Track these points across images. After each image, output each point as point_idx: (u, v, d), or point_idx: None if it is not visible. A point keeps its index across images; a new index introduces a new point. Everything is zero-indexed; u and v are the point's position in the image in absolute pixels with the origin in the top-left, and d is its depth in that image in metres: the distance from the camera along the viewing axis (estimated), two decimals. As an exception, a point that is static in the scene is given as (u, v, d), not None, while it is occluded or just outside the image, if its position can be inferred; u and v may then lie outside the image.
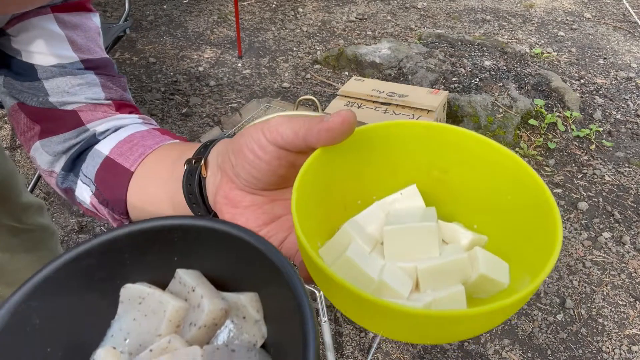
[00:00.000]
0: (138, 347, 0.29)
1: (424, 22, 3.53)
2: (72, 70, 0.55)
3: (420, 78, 2.68)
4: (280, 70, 2.91)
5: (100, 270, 0.30)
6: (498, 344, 1.55)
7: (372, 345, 1.53)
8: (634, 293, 1.72)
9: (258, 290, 0.30)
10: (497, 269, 0.35)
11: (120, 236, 0.30)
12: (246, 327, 0.30)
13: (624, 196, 2.12)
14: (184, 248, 0.31)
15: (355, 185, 0.40)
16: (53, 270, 0.28)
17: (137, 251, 0.31)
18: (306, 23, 3.47)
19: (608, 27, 3.51)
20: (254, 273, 0.30)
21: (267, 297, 0.30)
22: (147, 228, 0.30)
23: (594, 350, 1.55)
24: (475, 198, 0.39)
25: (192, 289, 0.30)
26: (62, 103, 0.55)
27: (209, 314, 0.29)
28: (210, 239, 0.30)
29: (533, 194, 0.35)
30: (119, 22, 2.15)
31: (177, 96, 2.66)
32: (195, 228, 0.30)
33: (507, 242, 0.37)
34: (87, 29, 0.57)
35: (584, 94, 2.75)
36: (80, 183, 0.55)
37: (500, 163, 0.37)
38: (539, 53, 3.10)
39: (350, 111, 0.35)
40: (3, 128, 2.43)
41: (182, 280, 0.31)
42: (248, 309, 0.30)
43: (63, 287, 0.29)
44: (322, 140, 0.35)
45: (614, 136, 2.46)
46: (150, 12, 3.55)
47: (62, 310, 0.29)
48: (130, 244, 0.30)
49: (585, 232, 1.95)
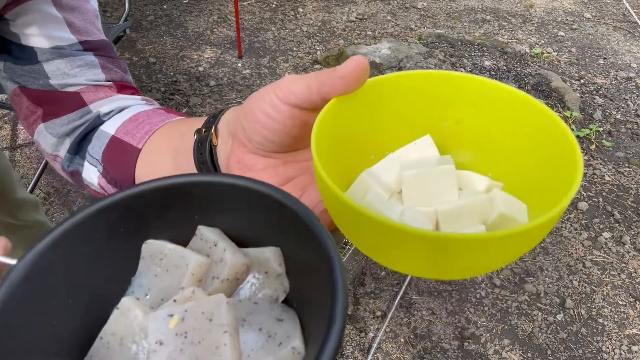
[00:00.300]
0: (160, 302, 0.29)
1: (424, 22, 3.53)
2: (71, 52, 0.55)
3: (420, 78, 2.68)
4: (280, 70, 2.91)
5: (124, 225, 0.30)
6: (498, 344, 1.55)
7: (372, 345, 1.53)
8: (634, 293, 1.72)
9: (280, 246, 0.30)
10: (516, 208, 0.34)
11: (145, 191, 0.30)
12: (268, 282, 0.30)
13: (624, 196, 2.12)
14: (206, 205, 0.31)
15: (369, 137, 0.39)
16: (79, 220, 0.28)
17: (159, 207, 0.30)
18: (306, 23, 3.48)
19: (608, 27, 3.52)
20: (276, 229, 0.30)
21: (290, 251, 0.30)
22: (171, 184, 0.30)
23: (594, 350, 1.55)
24: (489, 146, 0.39)
25: (214, 244, 0.30)
26: (63, 85, 0.55)
27: (231, 267, 0.29)
28: (232, 196, 0.30)
29: (549, 132, 0.34)
30: (119, 22, 2.15)
31: (177, 96, 2.66)
32: (218, 184, 0.30)
33: (523, 186, 0.36)
34: (84, 11, 0.57)
35: (584, 94, 2.75)
36: (87, 164, 0.55)
37: (513, 106, 0.36)
38: (539, 53, 3.10)
39: (362, 57, 0.35)
40: (3, 128, 2.43)
41: (203, 237, 0.31)
42: (271, 263, 0.30)
43: (87, 239, 0.29)
44: (337, 89, 0.34)
45: (614, 136, 2.46)
46: (150, 12, 3.55)
47: (84, 263, 0.29)
48: (154, 199, 0.30)
49: (585, 232, 1.95)
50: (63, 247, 0.28)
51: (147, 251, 0.31)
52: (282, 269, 0.30)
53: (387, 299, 1.67)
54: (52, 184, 2.11)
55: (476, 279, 1.74)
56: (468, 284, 1.74)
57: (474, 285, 1.73)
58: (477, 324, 1.61)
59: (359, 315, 1.62)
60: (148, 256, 0.31)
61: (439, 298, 1.68)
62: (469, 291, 1.71)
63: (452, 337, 1.57)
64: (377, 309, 1.64)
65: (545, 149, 0.35)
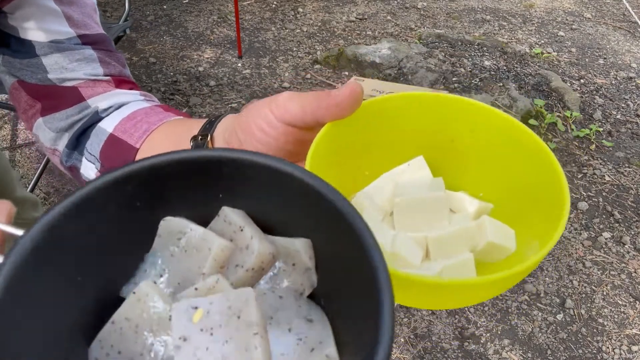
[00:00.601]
0: (177, 285, 0.27)
1: (424, 22, 3.53)
2: (69, 46, 0.55)
3: (420, 78, 2.68)
4: (280, 70, 2.91)
5: (141, 198, 0.27)
6: (498, 344, 1.55)
7: (372, 345, 1.53)
8: (634, 293, 1.72)
9: (308, 236, 0.28)
10: (504, 235, 0.36)
11: (165, 163, 0.27)
12: (294, 275, 0.28)
13: (624, 196, 2.12)
14: (232, 184, 0.28)
15: (364, 157, 0.40)
16: (92, 191, 0.26)
17: (181, 182, 0.28)
18: (306, 23, 3.47)
19: (608, 27, 3.51)
20: (306, 217, 0.27)
21: (319, 243, 0.28)
22: (195, 157, 0.27)
23: (594, 350, 1.55)
24: (480, 167, 0.40)
25: (240, 229, 0.27)
26: (61, 80, 0.55)
27: (258, 256, 0.27)
28: (263, 177, 0.27)
29: (538, 160, 0.35)
30: (119, 22, 2.15)
31: (177, 96, 2.66)
32: (249, 163, 0.27)
33: (512, 208, 0.38)
34: (83, 4, 0.57)
35: (584, 94, 2.75)
36: (85, 161, 0.56)
37: (505, 131, 0.37)
38: (539, 53, 3.10)
39: (357, 83, 0.35)
40: (3, 128, 2.43)
41: (227, 219, 0.28)
42: (301, 255, 0.27)
43: (100, 211, 0.26)
44: (331, 115, 0.35)
45: (614, 136, 2.46)
46: (150, 12, 3.55)
47: (96, 237, 0.26)
48: (175, 173, 0.27)
49: (585, 232, 1.95)
50: (74, 219, 0.25)
51: (165, 229, 0.28)
52: (312, 263, 0.28)
53: (387, 299, 1.67)
54: (52, 184, 2.12)
55: (476, 279, 1.75)
56: (468, 284, 1.74)
57: (474, 285, 1.73)
58: (477, 324, 1.61)
59: (359, 315, 1.62)
60: (165, 233, 0.28)
61: (439, 298, 1.68)
62: (469, 291, 1.71)
63: (452, 337, 1.57)
64: (377, 309, 1.64)
65: (534, 177, 0.36)
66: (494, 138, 0.38)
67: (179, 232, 0.28)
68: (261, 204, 0.28)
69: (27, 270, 0.23)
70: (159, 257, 0.28)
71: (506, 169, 0.38)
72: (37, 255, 0.24)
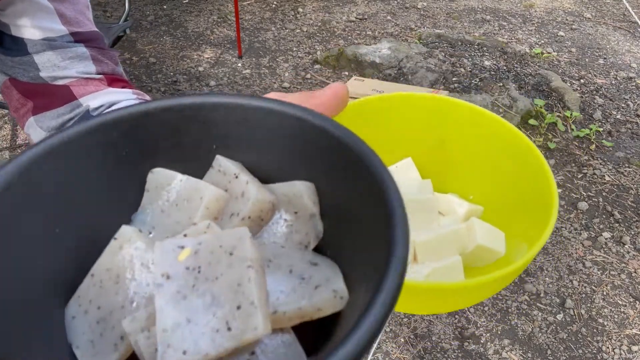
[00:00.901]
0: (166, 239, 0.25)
1: (424, 22, 3.53)
2: (62, 44, 0.55)
3: (420, 78, 2.68)
4: (280, 70, 2.91)
5: (128, 147, 0.25)
6: (498, 344, 1.55)
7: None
8: (634, 293, 1.72)
9: (314, 182, 0.25)
10: (494, 238, 0.35)
11: (155, 109, 0.25)
12: (297, 224, 0.25)
13: (624, 196, 2.12)
14: (226, 132, 0.26)
15: None
16: (74, 134, 0.23)
17: (171, 131, 0.25)
18: (306, 23, 3.47)
19: (608, 27, 3.51)
20: (312, 162, 0.25)
21: (325, 188, 0.25)
22: (188, 104, 0.25)
23: (594, 350, 1.55)
24: (471, 169, 0.39)
25: (234, 176, 0.25)
26: (53, 78, 0.55)
27: (255, 203, 0.24)
28: (260, 122, 0.25)
29: (529, 163, 0.35)
30: (119, 22, 2.15)
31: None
32: (244, 107, 0.25)
33: (502, 211, 0.37)
34: (75, 1, 0.56)
35: (584, 94, 2.75)
36: None
37: (495, 133, 0.37)
38: (539, 53, 3.10)
39: (341, 84, 0.35)
40: (3, 128, 2.43)
41: (222, 168, 0.26)
42: (303, 199, 0.24)
43: (82, 158, 0.23)
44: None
45: (614, 136, 2.46)
46: (150, 12, 3.55)
47: (77, 186, 0.23)
48: (165, 120, 0.25)
49: (585, 232, 1.95)
50: (52, 162, 0.22)
51: (153, 182, 0.26)
52: (316, 208, 0.25)
53: (387, 299, 1.67)
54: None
55: (476, 279, 1.75)
56: (468, 284, 1.74)
57: (474, 285, 1.73)
58: (477, 324, 1.61)
59: (359, 315, 1.62)
60: (154, 187, 0.26)
61: (439, 298, 1.68)
62: (469, 291, 1.71)
63: (452, 337, 1.57)
64: (377, 309, 1.64)
65: (524, 180, 0.36)
66: (484, 140, 0.38)
67: (168, 184, 0.25)
68: (259, 152, 0.26)
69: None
70: (148, 214, 0.26)
71: (496, 171, 0.38)
72: (6, 199, 0.21)
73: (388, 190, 0.20)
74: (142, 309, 0.21)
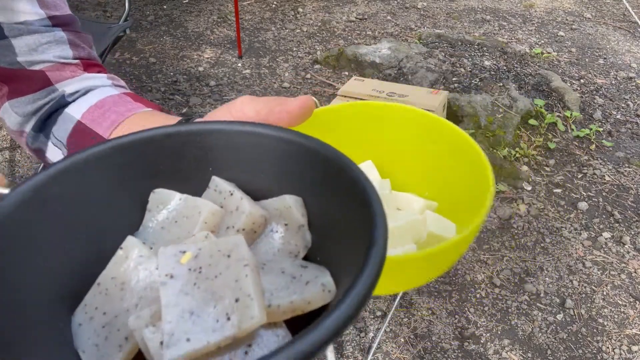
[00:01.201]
0: None
1: (424, 22, 3.53)
2: (39, 28, 0.54)
3: (420, 78, 2.68)
4: (280, 70, 2.92)
5: (131, 171, 0.28)
6: (498, 344, 1.55)
7: (372, 345, 1.53)
8: (634, 293, 1.72)
9: (302, 196, 0.28)
10: (444, 227, 0.39)
11: (157, 136, 0.28)
12: (288, 235, 0.27)
13: (624, 196, 2.12)
14: (221, 156, 0.29)
15: None
16: (82, 159, 0.26)
17: (172, 156, 0.28)
18: (306, 23, 3.47)
19: (608, 27, 3.51)
20: (300, 179, 0.27)
21: (313, 202, 0.27)
22: (185, 131, 0.28)
23: (594, 350, 1.55)
24: (423, 168, 0.43)
25: (229, 194, 0.28)
26: (30, 62, 0.55)
27: (249, 216, 0.26)
28: (253, 145, 0.28)
29: (468, 156, 0.39)
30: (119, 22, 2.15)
31: (177, 96, 2.66)
32: (237, 133, 0.28)
33: (452, 203, 0.41)
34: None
35: (584, 94, 2.75)
36: (51, 145, 0.56)
37: (443, 135, 0.41)
38: (539, 53, 3.10)
39: (310, 97, 0.38)
40: (3, 128, 2.43)
41: (218, 187, 0.28)
42: (293, 212, 0.27)
43: (89, 180, 0.26)
44: (281, 121, 0.36)
45: (614, 136, 2.46)
46: (150, 12, 3.55)
47: (84, 205, 0.26)
48: (167, 146, 0.28)
49: (585, 232, 1.95)
50: (62, 184, 0.25)
51: (155, 201, 0.28)
52: (304, 219, 0.27)
53: (387, 299, 1.67)
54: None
55: (476, 279, 1.74)
56: (468, 284, 1.74)
57: (474, 285, 1.73)
58: (477, 324, 1.61)
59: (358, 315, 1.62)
60: (155, 207, 0.28)
61: (439, 298, 1.68)
62: (469, 291, 1.71)
63: (452, 337, 1.57)
64: (377, 309, 1.64)
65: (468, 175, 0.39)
66: (431, 141, 0.42)
67: (169, 203, 0.28)
68: (253, 173, 0.29)
69: (8, 229, 0.22)
70: (149, 232, 0.28)
71: (443, 167, 0.42)
72: (20, 216, 0.23)
73: (369, 194, 0.23)
74: (146, 309, 0.23)
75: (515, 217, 2.00)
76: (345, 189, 0.24)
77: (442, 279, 1.75)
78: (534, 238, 1.92)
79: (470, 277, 1.76)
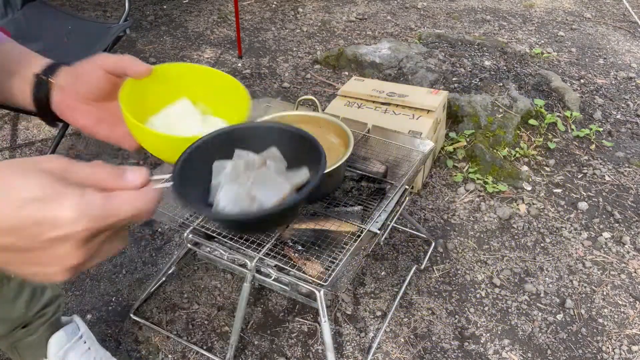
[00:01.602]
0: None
1: (424, 22, 3.53)
2: None
3: (420, 78, 2.68)
4: (280, 70, 2.92)
5: (211, 151, 0.58)
6: (498, 344, 1.55)
7: (372, 345, 1.53)
8: (634, 293, 1.72)
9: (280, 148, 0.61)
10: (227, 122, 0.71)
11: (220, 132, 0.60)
12: (276, 164, 0.58)
13: (624, 196, 2.12)
14: (246, 140, 0.60)
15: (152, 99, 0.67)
16: (195, 146, 0.58)
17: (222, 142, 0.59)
18: (306, 23, 3.47)
19: (608, 27, 3.52)
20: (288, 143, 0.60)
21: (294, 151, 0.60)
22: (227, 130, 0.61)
23: (594, 350, 1.55)
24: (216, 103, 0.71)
25: (246, 154, 0.60)
26: None
27: (259, 158, 0.58)
28: (264, 130, 0.62)
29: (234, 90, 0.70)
30: (119, 22, 2.15)
31: (177, 96, 2.66)
32: (256, 127, 0.63)
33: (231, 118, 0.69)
34: None
35: (584, 94, 2.75)
36: None
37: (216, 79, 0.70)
38: (539, 53, 3.10)
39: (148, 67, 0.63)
40: (3, 128, 2.43)
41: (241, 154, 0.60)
42: (275, 152, 0.60)
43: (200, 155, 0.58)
44: (132, 73, 0.63)
45: (614, 136, 2.46)
46: (150, 12, 3.55)
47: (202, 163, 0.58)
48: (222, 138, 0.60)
49: (585, 232, 1.95)
50: (193, 155, 0.57)
51: (216, 167, 0.58)
52: (281, 155, 0.60)
53: (387, 299, 1.67)
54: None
55: (476, 279, 1.74)
56: (468, 284, 1.74)
57: (474, 285, 1.73)
58: (477, 324, 1.61)
59: (359, 315, 1.62)
60: (216, 171, 0.58)
61: (439, 298, 1.68)
62: (469, 291, 1.71)
63: (452, 337, 1.57)
64: (377, 309, 1.64)
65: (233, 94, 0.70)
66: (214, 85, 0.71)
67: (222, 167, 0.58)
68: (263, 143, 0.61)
69: (183, 169, 0.55)
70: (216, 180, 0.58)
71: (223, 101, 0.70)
72: (186, 164, 0.56)
73: (319, 149, 0.57)
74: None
75: (515, 217, 2.00)
76: (308, 145, 0.58)
77: (442, 279, 1.75)
78: (534, 238, 1.92)
79: (470, 277, 1.76)
